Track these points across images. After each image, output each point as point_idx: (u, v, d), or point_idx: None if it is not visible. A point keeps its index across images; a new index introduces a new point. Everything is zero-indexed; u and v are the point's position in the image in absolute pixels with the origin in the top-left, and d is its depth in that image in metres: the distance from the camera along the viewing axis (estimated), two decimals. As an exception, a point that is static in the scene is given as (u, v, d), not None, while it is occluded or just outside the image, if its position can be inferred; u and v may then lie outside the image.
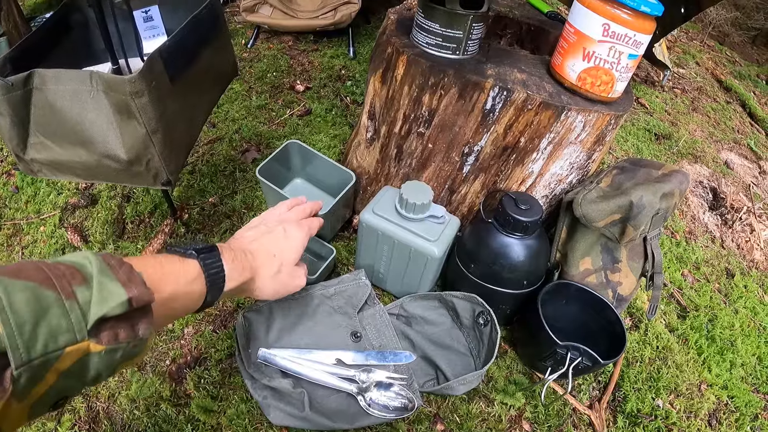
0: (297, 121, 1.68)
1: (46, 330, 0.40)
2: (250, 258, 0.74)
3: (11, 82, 0.83)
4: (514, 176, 1.03)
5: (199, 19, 0.95)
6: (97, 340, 0.44)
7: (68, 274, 0.44)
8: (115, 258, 0.49)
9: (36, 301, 0.40)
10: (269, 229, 0.82)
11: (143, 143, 0.88)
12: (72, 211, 1.33)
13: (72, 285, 0.43)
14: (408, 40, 0.99)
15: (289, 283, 0.81)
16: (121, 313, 0.45)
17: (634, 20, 0.84)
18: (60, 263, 0.45)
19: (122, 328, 0.46)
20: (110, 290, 0.45)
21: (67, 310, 0.42)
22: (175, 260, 0.62)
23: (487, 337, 0.99)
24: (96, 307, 0.44)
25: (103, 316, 0.44)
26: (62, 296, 0.42)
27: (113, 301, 0.45)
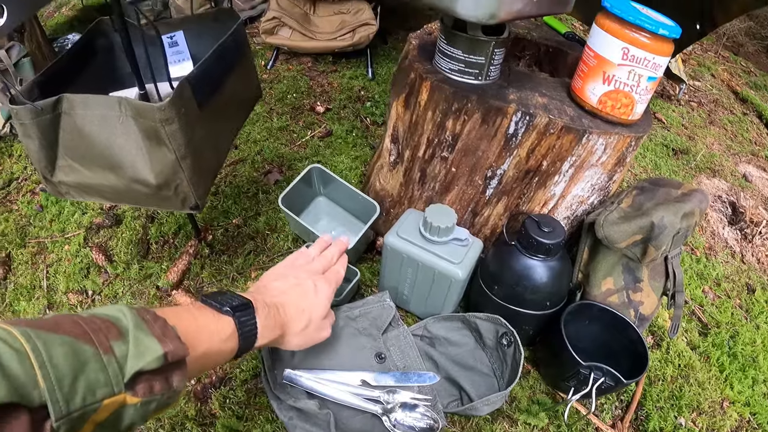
0: (318, 142, 1.70)
1: (85, 384, 0.42)
2: (281, 313, 0.76)
3: (40, 107, 0.85)
4: (536, 199, 1.04)
5: (225, 46, 0.97)
6: (133, 392, 0.45)
7: (104, 328, 0.46)
8: (150, 312, 0.51)
9: (74, 355, 0.42)
10: (299, 282, 0.83)
11: (172, 169, 0.89)
12: (96, 230, 1.35)
13: (109, 339, 0.45)
14: (431, 66, 1.00)
15: (316, 336, 0.84)
16: (157, 367, 0.47)
17: (652, 43, 0.85)
18: (96, 317, 0.47)
19: (157, 380, 0.48)
20: (146, 345, 0.47)
21: (105, 364, 0.43)
22: (209, 315, 0.63)
23: (510, 358, 1.00)
24: (133, 361, 0.45)
25: (140, 370, 0.45)
26: (100, 351, 0.44)
27: (149, 355, 0.46)
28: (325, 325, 0.85)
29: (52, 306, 1.18)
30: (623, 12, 0.85)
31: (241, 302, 0.68)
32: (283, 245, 1.32)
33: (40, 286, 1.22)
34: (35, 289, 1.22)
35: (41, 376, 0.39)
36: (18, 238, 1.33)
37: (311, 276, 0.85)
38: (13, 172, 1.54)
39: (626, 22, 0.85)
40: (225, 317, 0.64)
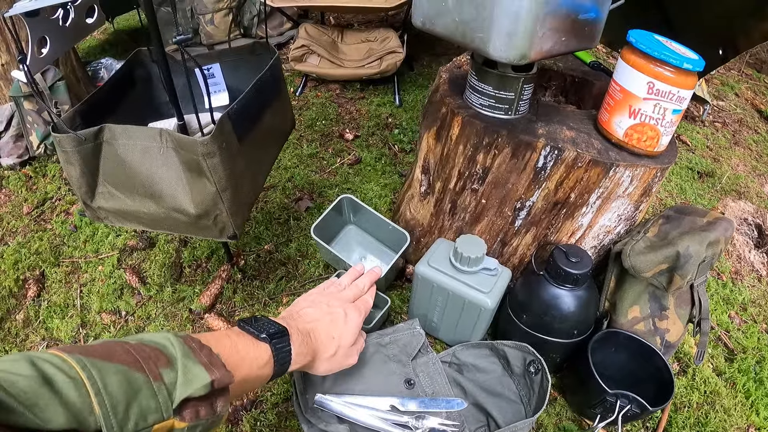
0: (348, 170, 1.73)
1: (137, 410, 0.44)
2: (312, 340, 0.79)
3: (83, 137, 0.88)
4: (564, 229, 1.06)
5: (263, 81, 1.00)
6: (180, 417, 0.48)
7: (154, 356, 0.49)
8: (195, 340, 0.54)
9: (128, 383, 0.45)
10: (330, 310, 0.86)
11: (213, 200, 0.92)
12: (130, 252, 1.39)
13: (158, 367, 0.48)
14: (462, 101, 1.03)
15: (343, 363, 0.86)
16: (203, 394, 0.49)
17: (677, 77, 0.87)
18: (144, 345, 0.50)
19: (203, 406, 0.50)
20: (195, 373, 0.50)
21: (156, 391, 0.46)
22: (248, 342, 0.66)
23: (537, 385, 1.01)
24: (181, 388, 0.48)
25: (188, 397, 0.48)
26: (150, 378, 0.46)
27: (198, 383, 0.49)
28: (353, 353, 0.88)
29: (85, 325, 1.22)
30: (648, 47, 0.87)
31: (278, 329, 0.71)
32: (314, 272, 1.35)
33: (74, 305, 1.26)
34: (69, 307, 1.26)
35: (97, 402, 0.42)
36: (52, 257, 1.37)
37: (342, 304, 0.87)
38: (47, 192, 1.59)
39: (651, 57, 0.87)
40: (263, 344, 0.67)
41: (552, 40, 0.82)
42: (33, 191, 1.60)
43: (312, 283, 1.32)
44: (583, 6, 0.84)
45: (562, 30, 0.82)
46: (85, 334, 1.19)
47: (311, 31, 2.05)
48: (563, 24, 0.82)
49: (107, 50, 2.43)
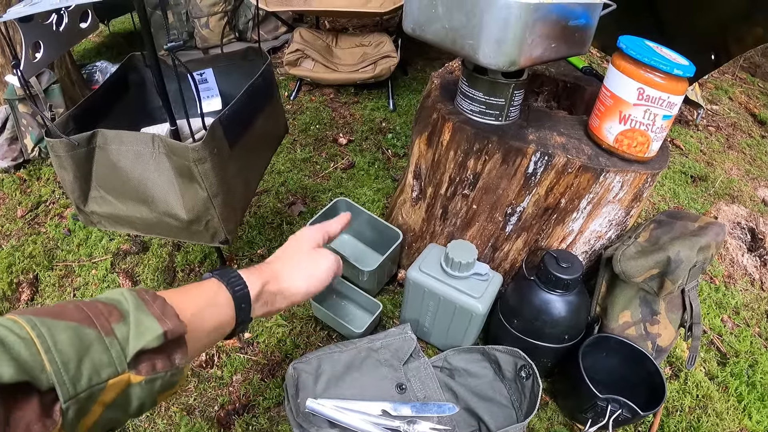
0: (341, 174, 1.74)
1: (90, 365, 0.44)
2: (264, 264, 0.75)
3: (76, 142, 0.88)
4: (555, 234, 1.06)
5: (255, 86, 1.01)
6: (136, 371, 0.47)
7: (106, 312, 0.48)
8: (150, 292, 0.53)
9: (78, 339, 0.44)
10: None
11: (204, 205, 0.92)
12: (123, 256, 1.39)
13: (110, 322, 0.47)
14: (453, 107, 1.03)
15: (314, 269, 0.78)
16: (157, 345, 0.49)
17: (667, 83, 0.87)
18: (98, 301, 0.49)
19: (159, 359, 0.50)
20: (146, 325, 0.49)
21: (108, 346, 0.46)
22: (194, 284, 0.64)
23: (528, 390, 1.01)
24: (134, 341, 0.47)
25: (141, 349, 0.47)
26: (102, 333, 0.46)
27: (150, 335, 0.48)
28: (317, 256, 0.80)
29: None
30: (638, 53, 0.87)
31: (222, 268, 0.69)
32: (306, 278, 1.34)
33: (68, 310, 1.26)
34: (62, 313, 1.25)
35: (47, 360, 0.42)
36: (46, 261, 1.37)
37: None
38: (41, 195, 1.59)
39: (641, 62, 0.87)
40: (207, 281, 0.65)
41: (542, 46, 0.82)
42: (27, 194, 1.60)
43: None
44: (574, 12, 0.84)
45: (552, 36, 0.83)
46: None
47: (306, 35, 2.06)
48: (553, 30, 0.82)
49: (103, 53, 2.43)
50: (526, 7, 0.75)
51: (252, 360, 1.15)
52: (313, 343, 1.19)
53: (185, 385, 0.98)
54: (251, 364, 1.14)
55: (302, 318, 1.24)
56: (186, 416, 1.05)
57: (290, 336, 1.20)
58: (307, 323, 1.23)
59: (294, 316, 1.24)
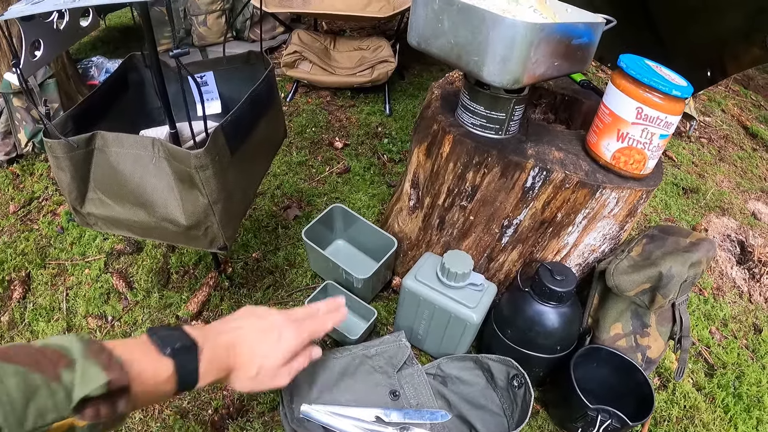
0: (336, 178, 1.74)
1: (35, 409, 0.47)
2: (231, 357, 0.73)
3: (75, 144, 0.88)
4: (550, 247, 1.07)
5: (257, 93, 1.01)
6: (80, 416, 0.50)
7: (55, 358, 0.51)
8: (97, 343, 0.55)
9: (26, 384, 0.47)
10: (264, 326, 0.79)
11: (204, 212, 0.92)
12: (117, 256, 1.38)
13: (57, 368, 0.50)
14: (453, 119, 1.04)
15: (267, 384, 0.78)
16: (101, 393, 0.51)
17: (665, 103, 0.89)
18: (47, 347, 0.52)
19: (103, 405, 0.52)
20: (92, 374, 0.51)
21: (53, 391, 0.48)
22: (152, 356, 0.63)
23: (520, 399, 1.03)
24: (79, 388, 0.50)
25: (86, 396, 0.50)
26: (48, 379, 0.48)
27: (95, 383, 0.51)
28: (282, 373, 0.79)
29: (71, 328, 1.21)
30: (638, 73, 0.88)
31: (184, 344, 0.67)
32: (301, 281, 1.36)
33: (60, 308, 1.25)
34: (54, 310, 1.25)
35: None
36: (38, 259, 1.37)
37: (283, 322, 0.80)
38: (35, 191, 1.58)
39: (640, 82, 0.89)
40: (165, 359, 0.63)
41: (545, 65, 0.83)
42: (20, 190, 1.59)
43: (299, 292, 1.33)
44: (577, 31, 0.85)
45: (556, 55, 0.84)
46: (70, 339, 1.19)
47: (304, 37, 2.05)
48: (557, 49, 0.83)
49: (98, 47, 2.41)
50: (532, 27, 0.76)
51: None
52: (307, 349, 1.20)
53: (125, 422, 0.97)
54: (245, 368, 1.14)
55: (297, 323, 1.24)
56: (180, 420, 1.05)
57: (285, 340, 1.20)
58: (301, 328, 1.23)
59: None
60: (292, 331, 0.80)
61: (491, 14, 0.78)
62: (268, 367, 0.76)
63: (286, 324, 0.80)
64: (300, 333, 0.81)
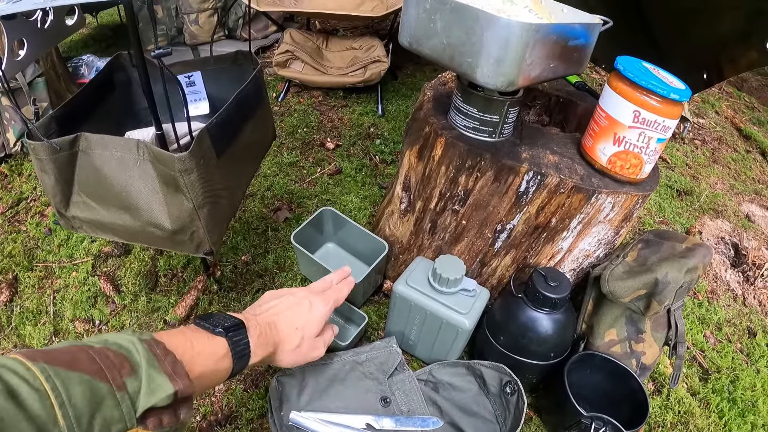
0: (328, 180, 1.72)
1: (101, 420, 0.45)
2: (274, 332, 0.78)
3: (58, 146, 0.86)
4: (544, 252, 1.06)
5: (244, 94, 0.99)
6: (144, 426, 0.48)
7: (118, 363, 0.49)
8: (160, 346, 0.54)
9: (92, 394, 0.45)
10: (296, 300, 0.84)
11: (189, 216, 0.91)
12: (105, 259, 1.36)
13: (122, 376, 0.48)
14: (446, 121, 1.02)
15: (309, 354, 0.84)
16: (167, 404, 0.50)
17: (663, 107, 0.87)
18: (109, 349, 0.49)
19: (166, 415, 0.51)
20: (158, 383, 0.50)
21: (119, 401, 0.46)
22: (203, 338, 0.65)
23: (513, 406, 1.01)
24: (145, 398, 0.48)
25: (152, 407, 0.48)
26: (114, 388, 0.47)
27: (161, 393, 0.49)
28: (319, 344, 0.86)
29: (58, 333, 1.19)
30: (635, 75, 0.87)
31: (234, 323, 0.70)
32: (291, 285, 1.33)
33: (47, 312, 1.23)
34: (41, 314, 1.23)
35: (61, 415, 0.42)
36: (25, 261, 1.34)
37: (308, 294, 0.86)
38: (23, 192, 1.56)
39: (638, 85, 0.87)
40: (218, 338, 0.66)
41: (540, 66, 0.82)
42: (8, 190, 1.57)
43: (289, 296, 1.30)
44: (574, 32, 0.84)
45: (551, 56, 0.82)
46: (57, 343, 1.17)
47: (296, 36, 2.03)
48: (552, 51, 0.82)
49: (89, 46, 2.38)
50: (527, 27, 0.74)
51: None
52: (297, 354, 1.18)
53: None
54: (234, 374, 1.13)
55: (287, 327, 1.22)
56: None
57: (274, 345, 1.18)
58: (291, 333, 1.21)
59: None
60: (319, 299, 0.86)
61: (485, 14, 0.76)
62: (308, 336, 0.82)
63: (312, 295, 0.87)
64: (327, 301, 0.87)
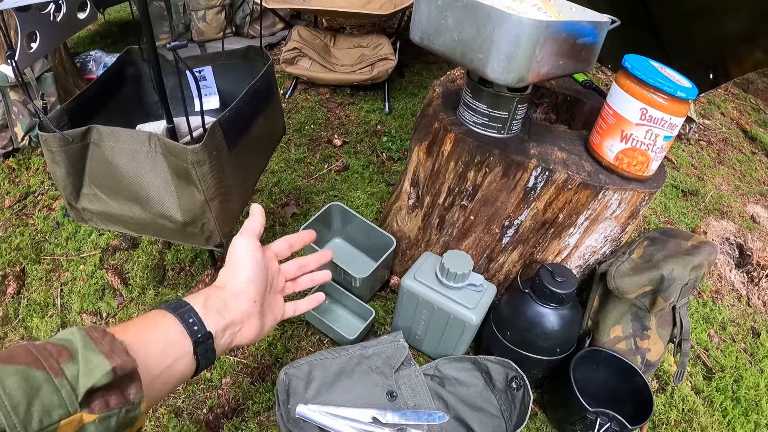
0: (335, 176, 1.72)
1: (40, 407, 0.44)
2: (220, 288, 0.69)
3: (70, 137, 0.87)
4: (550, 248, 1.06)
5: (256, 88, 0.99)
6: (89, 410, 0.47)
7: (55, 352, 0.48)
8: (99, 330, 0.52)
9: (27, 382, 0.44)
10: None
11: (200, 208, 0.91)
12: (113, 252, 1.37)
13: (60, 362, 0.47)
14: (455, 117, 1.03)
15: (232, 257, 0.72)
16: (108, 382, 0.48)
17: (670, 104, 0.88)
18: (48, 342, 0.49)
19: (112, 395, 0.49)
20: (95, 363, 0.48)
21: (58, 387, 0.46)
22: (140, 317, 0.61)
23: (519, 401, 1.02)
24: (83, 379, 0.47)
25: (92, 387, 0.47)
26: (51, 374, 0.46)
27: (99, 372, 0.48)
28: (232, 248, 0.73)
29: (66, 325, 1.19)
30: (643, 73, 0.87)
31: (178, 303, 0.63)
32: (297, 279, 1.33)
33: (54, 304, 1.24)
34: (49, 306, 1.24)
35: None
36: (33, 254, 1.35)
37: None
38: (30, 186, 1.57)
39: (645, 83, 0.88)
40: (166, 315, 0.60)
41: (550, 63, 0.82)
42: (15, 184, 1.58)
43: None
44: (583, 30, 0.84)
45: (561, 54, 0.83)
46: (64, 335, 1.17)
47: (304, 33, 2.04)
48: (562, 48, 0.82)
49: (97, 42, 2.39)
50: (538, 24, 0.75)
51: (242, 363, 1.14)
52: (304, 348, 1.19)
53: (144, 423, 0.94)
54: (241, 367, 1.13)
55: (293, 322, 1.23)
56: (174, 418, 1.04)
57: (281, 340, 1.19)
58: (298, 327, 1.22)
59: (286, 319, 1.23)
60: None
61: (497, 11, 0.76)
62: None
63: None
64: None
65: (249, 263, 0.70)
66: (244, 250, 0.71)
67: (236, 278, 0.69)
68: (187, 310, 0.62)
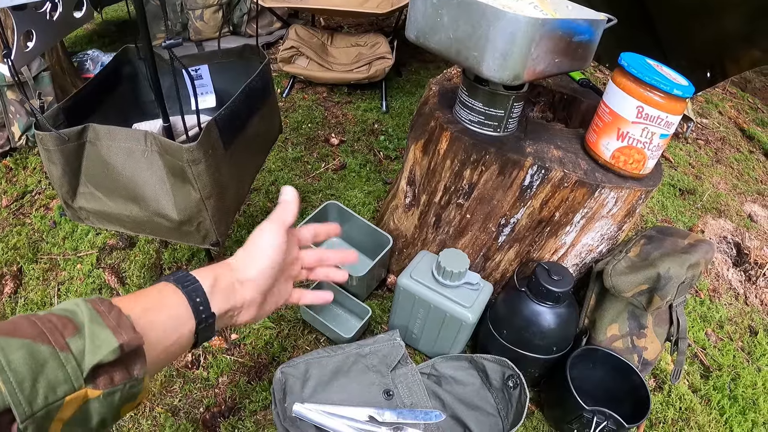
0: (332, 175, 1.72)
1: (45, 383, 0.43)
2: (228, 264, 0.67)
3: (66, 136, 0.86)
4: (547, 247, 1.06)
5: (252, 87, 0.99)
6: (94, 385, 0.46)
7: (60, 325, 0.47)
8: (105, 302, 0.51)
9: (32, 357, 0.43)
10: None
11: (196, 207, 0.91)
12: (110, 251, 1.37)
13: (65, 336, 0.46)
14: (451, 115, 1.03)
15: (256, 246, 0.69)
16: (114, 359, 0.47)
17: (666, 103, 0.88)
18: (52, 314, 0.48)
19: (117, 371, 0.48)
20: (102, 339, 0.47)
21: (63, 362, 0.44)
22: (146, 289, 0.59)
23: (515, 400, 1.02)
24: (90, 356, 0.46)
25: (98, 363, 0.46)
26: (56, 349, 0.45)
27: (106, 348, 0.47)
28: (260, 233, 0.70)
29: (65, 325, 1.19)
30: (639, 71, 0.87)
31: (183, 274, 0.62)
32: (295, 278, 1.33)
33: (51, 304, 1.24)
34: (46, 306, 1.23)
35: (1, 381, 0.41)
36: (30, 253, 1.35)
37: None
38: (27, 185, 1.56)
39: (641, 81, 0.88)
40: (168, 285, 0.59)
41: (545, 61, 0.82)
42: (13, 183, 1.57)
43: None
44: (579, 28, 0.84)
45: (556, 51, 0.83)
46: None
47: (301, 32, 2.04)
48: (557, 46, 0.82)
49: (95, 41, 2.39)
50: (533, 22, 0.75)
51: (238, 362, 1.14)
52: (300, 347, 1.18)
53: (147, 396, 0.94)
54: (237, 366, 1.13)
55: (290, 321, 1.23)
56: (171, 417, 1.04)
57: (278, 338, 1.19)
58: (295, 326, 1.22)
59: (282, 318, 1.23)
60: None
61: (492, 8, 0.76)
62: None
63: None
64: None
65: (269, 255, 0.68)
66: (269, 242, 0.69)
67: (251, 266, 0.67)
68: (195, 288, 0.60)
